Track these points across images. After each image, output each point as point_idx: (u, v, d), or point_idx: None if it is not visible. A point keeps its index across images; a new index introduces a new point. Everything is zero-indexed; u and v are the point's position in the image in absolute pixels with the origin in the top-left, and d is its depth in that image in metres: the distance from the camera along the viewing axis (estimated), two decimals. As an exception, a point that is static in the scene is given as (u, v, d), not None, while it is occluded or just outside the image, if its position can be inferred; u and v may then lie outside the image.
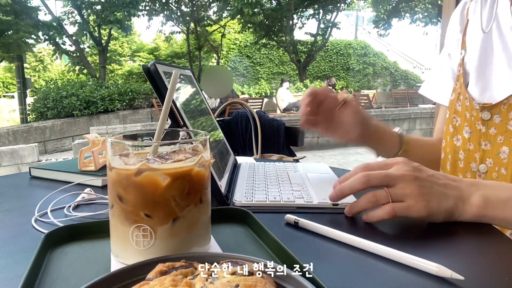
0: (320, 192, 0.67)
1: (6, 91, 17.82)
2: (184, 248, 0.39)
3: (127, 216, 0.38)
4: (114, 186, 0.39)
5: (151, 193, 0.38)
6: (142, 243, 0.38)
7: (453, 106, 0.78)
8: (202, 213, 0.41)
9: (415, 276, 0.40)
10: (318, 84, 12.47)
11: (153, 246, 0.38)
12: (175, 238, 0.39)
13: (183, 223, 0.39)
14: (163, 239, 0.38)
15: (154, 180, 0.37)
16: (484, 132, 0.70)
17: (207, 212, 0.43)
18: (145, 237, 0.38)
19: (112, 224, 0.41)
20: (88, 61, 12.65)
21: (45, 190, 0.74)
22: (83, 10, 11.59)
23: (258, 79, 16.16)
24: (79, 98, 8.29)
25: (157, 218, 0.38)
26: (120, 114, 8.64)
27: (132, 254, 0.39)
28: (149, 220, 0.38)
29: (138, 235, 0.38)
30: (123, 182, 0.38)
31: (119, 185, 0.39)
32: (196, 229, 0.41)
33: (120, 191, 0.39)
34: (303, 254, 0.44)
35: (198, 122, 0.70)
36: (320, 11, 13.88)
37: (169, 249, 0.38)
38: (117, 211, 0.39)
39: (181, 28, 14.04)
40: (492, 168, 0.68)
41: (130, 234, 0.38)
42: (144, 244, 0.38)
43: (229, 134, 1.89)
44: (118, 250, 0.41)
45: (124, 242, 0.39)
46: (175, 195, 0.38)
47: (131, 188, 0.38)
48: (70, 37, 11.62)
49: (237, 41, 16.85)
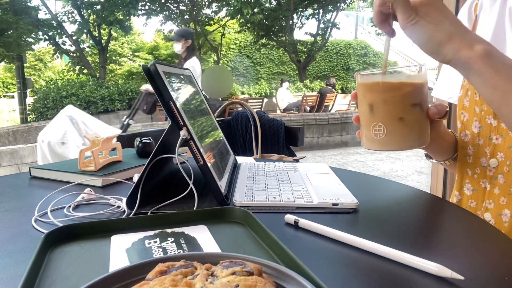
0: (320, 192, 0.67)
1: (6, 91, 17.82)
2: (405, 142, 0.59)
3: (369, 118, 0.59)
4: (368, 98, 0.59)
5: (390, 101, 0.57)
6: (378, 134, 0.58)
7: (461, 102, 0.78)
8: (421, 116, 0.59)
9: (415, 276, 0.40)
10: (318, 84, 12.45)
11: (385, 137, 0.58)
12: (400, 133, 0.58)
13: (407, 123, 0.57)
14: (391, 133, 0.58)
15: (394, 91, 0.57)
16: (496, 126, 0.69)
17: (426, 116, 0.60)
18: (380, 131, 0.58)
19: (362, 124, 0.61)
20: (88, 61, 12.65)
21: (45, 190, 0.74)
22: (83, 10, 11.59)
23: (258, 79, 16.15)
24: (79, 98, 8.29)
25: (388, 119, 0.57)
26: (120, 114, 8.63)
27: (372, 142, 0.60)
28: (383, 120, 0.58)
29: (375, 129, 0.58)
30: (375, 95, 0.58)
31: (372, 97, 0.59)
32: (416, 128, 0.59)
33: (372, 101, 0.59)
34: (303, 254, 0.44)
35: (198, 122, 0.70)
36: (320, 11, 13.87)
37: (395, 141, 0.59)
38: (365, 114, 0.60)
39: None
40: (503, 162, 0.68)
41: (371, 129, 0.59)
42: (379, 135, 0.58)
43: (229, 134, 1.89)
44: (364, 139, 0.62)
45: (368, 133, 0.60)
46: (404, 102, 0.57)
47: (380, 100, 0.58)
48: (70, 37, 11.62)
49: (237, 41, 16.84)
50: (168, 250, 0.44)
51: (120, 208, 0.63)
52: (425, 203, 0.69)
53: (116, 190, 0.75)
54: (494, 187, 0.68)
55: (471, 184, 0.74)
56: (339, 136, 6.77)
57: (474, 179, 0.73)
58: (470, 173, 0.74)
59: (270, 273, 0.35)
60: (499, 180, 0.67)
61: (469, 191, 0.74)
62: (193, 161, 0.61)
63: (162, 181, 0.73)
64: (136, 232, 0.49)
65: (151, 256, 0.43)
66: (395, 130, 0.58)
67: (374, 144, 0.60)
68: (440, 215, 0.63)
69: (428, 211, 0.66)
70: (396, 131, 0.58)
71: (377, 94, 0.58)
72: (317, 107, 8.80)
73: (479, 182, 0.72)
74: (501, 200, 0.67)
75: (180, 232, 0.50)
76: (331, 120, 6.68)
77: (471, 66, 0.52)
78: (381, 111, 0.58)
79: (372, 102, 0.59)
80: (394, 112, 0.58)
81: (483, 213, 0.70)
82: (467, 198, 0.74)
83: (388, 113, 0.58)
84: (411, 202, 0.70)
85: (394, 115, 0.58)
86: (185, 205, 0.61)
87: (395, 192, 0.76)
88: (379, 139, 0.59)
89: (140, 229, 0.50)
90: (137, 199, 0.60)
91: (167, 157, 0.66)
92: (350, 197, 0.65)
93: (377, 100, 0.58)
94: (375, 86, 0.58)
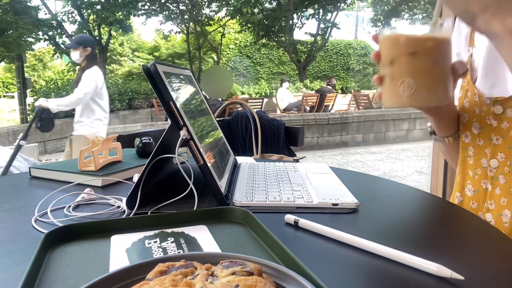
0: (320, 192, 0.67)
1: (6, 91, 17.82)
2: (433, 97, 0.59)
3: (397, 74, 0.58)
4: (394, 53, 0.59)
5: (419, 55, 0.57)
6: (407, 90, 0.58)
7: (461, 103, 0.78)
8: (448, 72, 0.59)
9: (415, 276, 0.40)
10: (318, 84, 12.45)
11: (414, 92, 0.57)
12: (428, 88, 0.58)
13: (435, 78, 0.58)
14: (420, 88, 0.57)
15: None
16: (496, 126, 0.69)
17: (451, 72, 0.60)
18: (409, 87, 0.57)
19: (387, 82, 0.60)
20: (88, 61, 12.63)
21: (45, 190, 0.74)
22: (83, 10, 11.59)
23: (258, 79, 16.15)
24: (79, 98, 8.28)
25: (417, 74, 0.57)
26: (120, 114, 8.64)
27: (399, 98, 0.59)
28: (413, 75, 0.57)
29: (404, 85, 0.58)
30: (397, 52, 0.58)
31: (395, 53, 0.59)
32: (443, 84, 0.59)
33: (401, 56, 0.58)
34: (303, 254, 0.44)
35: (198, 122, 0.70)
36: (320, 11, 13.88)
37: (423, 96, 0.58)
38: (392, 71, 0.59)
39: (180, 28, 14.04)
40: (504, 163, 0.68)
41: (399, 85, 0.58)
42: (408, 91, 0.58)
43: (229, 134, 1.89)
44: (388, 97, 0.61)
45: (393, 91, 0.59)
46: (433, 57, 0.57)
47: (409, 55, 0.57)
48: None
49: (237, 41, 16.85)
50: (168, 250, 0.44)
51: (120, 208, 0.63)
52: (425, 203, 0.69)
53: (116, 190, 0.75)
54: (495, 188, 0.68)
55: (472, 185, 0.74)
56: (339, 136, 6.77)
57: (475, 180, 0.73)
58: (471, 174, 0.74)
59: (270, 273, 0.35)
60: (500, 180, 0.67)
61: (471, 192, 0.74)
62: (193, 161, 0.61)
63: (162, 181, 0.73)
64: (136, 232, 0.49)
65: (151, 256, 0.43)
66: (424, 85, 0.58)
67: (402, 100, 0.59)
68: (440, 215, 0.64)
69: (428, 211, 0.66)
70: (424, 86, 0.58)
71: (406, 49, 0.58)
72: (317, 107, 8.80)
73: (480, 183, 0.72)
74: (501, 201, 0.67)
75: (180, 232, 0.50)
76: (331, 120, 6.68)
77: (500, 40, 0.52)
78: (410, 66, 0.58)
79: (401, 58, 0.58)
80: (423, 67, 0.58)
81: (484, 214, 0.70)
82: (469, 199, 0.74)
83: (417, 68, 0.58)
84: (411, 202, 0.70)
85: (423, 70, 0.58)
86: (185, 205, 0.61)
87: (395, 192, 0.76)
88: (407, 94, 0.58)
89: (140, 229, 0.50)
90: (137, 199, 0.60)
91: (167, 157, 0.66)
92: (350, 197, 0.65)
93: (406, 55, 0.58)
94: (404, 41, 0.58)
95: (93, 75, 2.84)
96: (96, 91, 2.86)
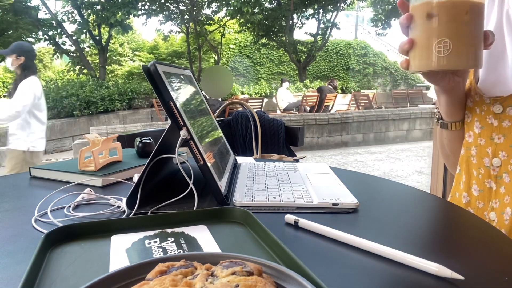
0: (320, 192, 0.67)
1: (6, 91, 17.81)
2: (468, 60, 0.58)
3: (435, 34, 0.57)
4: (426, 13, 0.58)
5: (459, 17, 0.57)
6: (443, 51, 0.57)
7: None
8: (481, 36, 0.59)
9: (415, 276, 0.40)
10: (318, 84, 12.45)
11: (450, 53, 0.57)
12: (465, 50, 0.57)
13: (472, 41, 0.57)
14: (456, 49, 0.57)
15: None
16: (497, 125, 0.69)
17: (482, 40, 0.59)
18: (445, 48, 0.57)
19: (422, 44, 0.59)
20: (88, 61, 12.64)
21: (45, 190, 0.74)
22: (83, 10, 11.58)
23: (258, 79, 16.15)
24: (79, 98, 8.28)
25: (455, 35, 0.57)
26: (120, 114, 8.63)
27: (435, 59, 0.58)
28: (451, 36, 0.57)
29: (440, 46, 0.57)
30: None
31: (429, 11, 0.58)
32: (477, 48, 0.58)
33: (439, 16, 0.57)
34: (303, 254, 0.44)
35: (198, 122, 0.70)
36: (320, 11, 13.87)
37: (459, 57, 0.57)
38: (428, 32, 0.58)
39: (180, 28, 14.04)
40: (506, 161, 0.68)
41: (435, 46, 0.57)
42: (444, 52, 0.57)
43: (229, 134, 1.89)
44: (421, 60, 0.59)
45: (429, 52, 0.58)
46: (472, 20, 0.57)
47: (449, 15, 0.57)
48: (70, 37, 11.62)
49: (237, 41, 16.84)
50: (168, 250, 0.44)
51: (120, 208, 0.63)
52: (425, 203, 0.69)
53: (116, 190, 0.75)
54: (500, 186, 0.69)
55: (477, 185, 0.74)
56: (339, 136, 6.77)
57: (479, 179, 0.73)
58: (476, 174, 0.74)
59: (270, 273, 0.35)
60: (505, 179, 0.68)
61: (476, 192, 0.74)
62: (193, 161, 0.61)
63: (162, 181, 0.73)
64: (136, 232, 0.49)
65: (151, 256, 0.43)
66: (461, 47, 0.58)
67: (438, 61, 0.58)
68: (440, 215, 0.64)
69: (428, 211, 0.66)
70: (461, 48, 0.58)
71: (446, 10, 0.58)
72: (317, 107, 8.80)
73: (484, 183, 0.72)
74: (505, 199, 0.67)
75: (180, 232, 0.50)
76: (331, 120, 6.68)
77: None
78: (449, 27, 0.58)
79: (439, 18, 0.58)
80: (464, 29, 0.58)
81: (489, 213, 0.70)
82: (475, 199, 0.74)
83: (455, 29, 0.58)
84: (411, 202, 0.70)
85: (464, 31, 0.58)
86: (185, 205, 0.61)
87: (395, 192, 0.76)
88: (443, 56, 0.58)
89: (140, 229, 0.50)
90: (137, 199, 0.60)
91: (167, 157, 0.66)
92: (350, 197, 0.65)
93: (448, 15, 0.58)
94: (451, 2, 0.58)
95: (30, 86, 2.71)
96: (34, 102, 2.74)
